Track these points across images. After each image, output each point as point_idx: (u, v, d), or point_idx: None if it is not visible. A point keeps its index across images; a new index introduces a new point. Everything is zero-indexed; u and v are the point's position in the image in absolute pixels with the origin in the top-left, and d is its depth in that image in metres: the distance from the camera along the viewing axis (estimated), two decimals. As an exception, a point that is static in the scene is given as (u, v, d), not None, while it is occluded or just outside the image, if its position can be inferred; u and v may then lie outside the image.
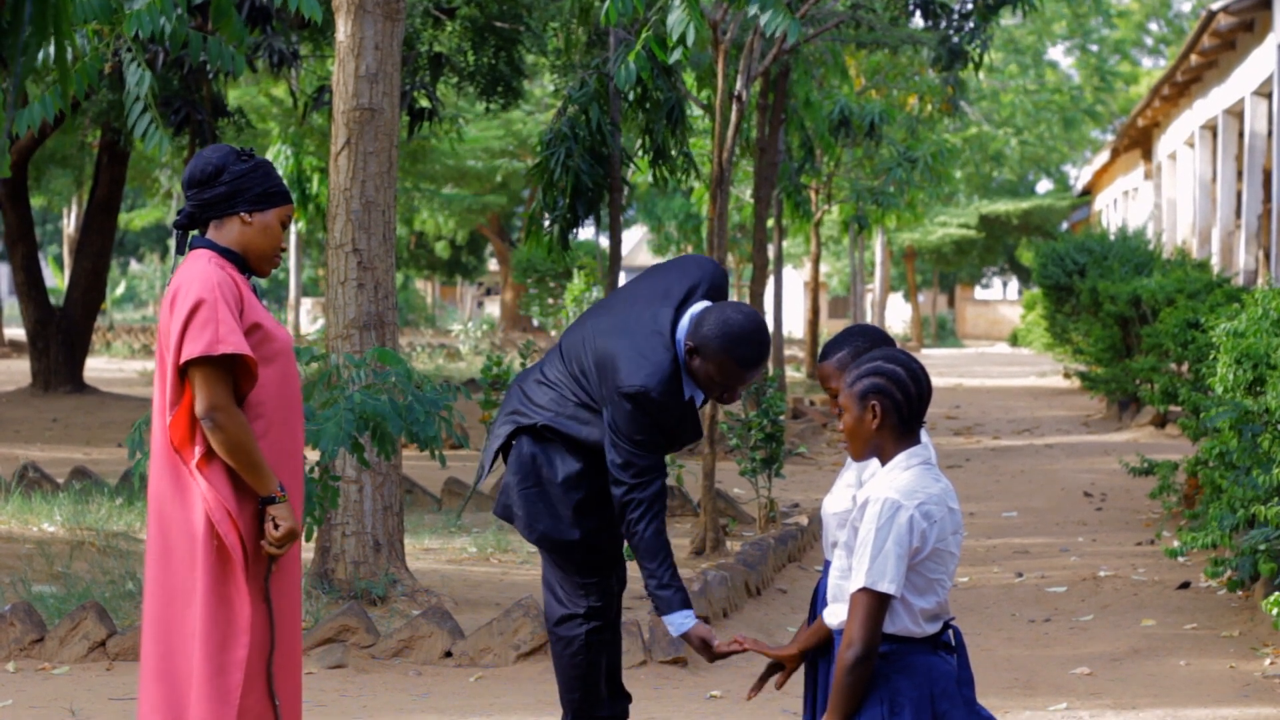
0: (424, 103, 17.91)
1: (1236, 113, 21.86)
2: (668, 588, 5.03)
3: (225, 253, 4.58)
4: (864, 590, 3.80)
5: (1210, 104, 23.02)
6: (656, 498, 5.11)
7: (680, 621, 5.01)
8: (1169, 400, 14.37)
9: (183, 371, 4.47)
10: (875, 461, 4.11)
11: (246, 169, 4.59)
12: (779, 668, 4.45)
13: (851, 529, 3.93)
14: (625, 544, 5.41)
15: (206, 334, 4.41)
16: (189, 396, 4.47)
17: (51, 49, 8.03)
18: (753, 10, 8.49)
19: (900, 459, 3.90)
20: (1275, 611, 7.03)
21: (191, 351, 4.41)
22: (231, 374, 4.47)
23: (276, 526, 4.46)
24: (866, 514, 3.85)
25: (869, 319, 43.18)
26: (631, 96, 14.22)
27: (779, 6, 8.24)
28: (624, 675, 5.80)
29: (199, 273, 4.50)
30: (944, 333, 53.86)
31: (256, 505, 4.49)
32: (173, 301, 4.51)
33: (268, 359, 4.55)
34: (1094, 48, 52.30)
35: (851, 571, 3.87)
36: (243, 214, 4.59)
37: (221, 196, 4.59)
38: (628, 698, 5.58)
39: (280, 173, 4.72)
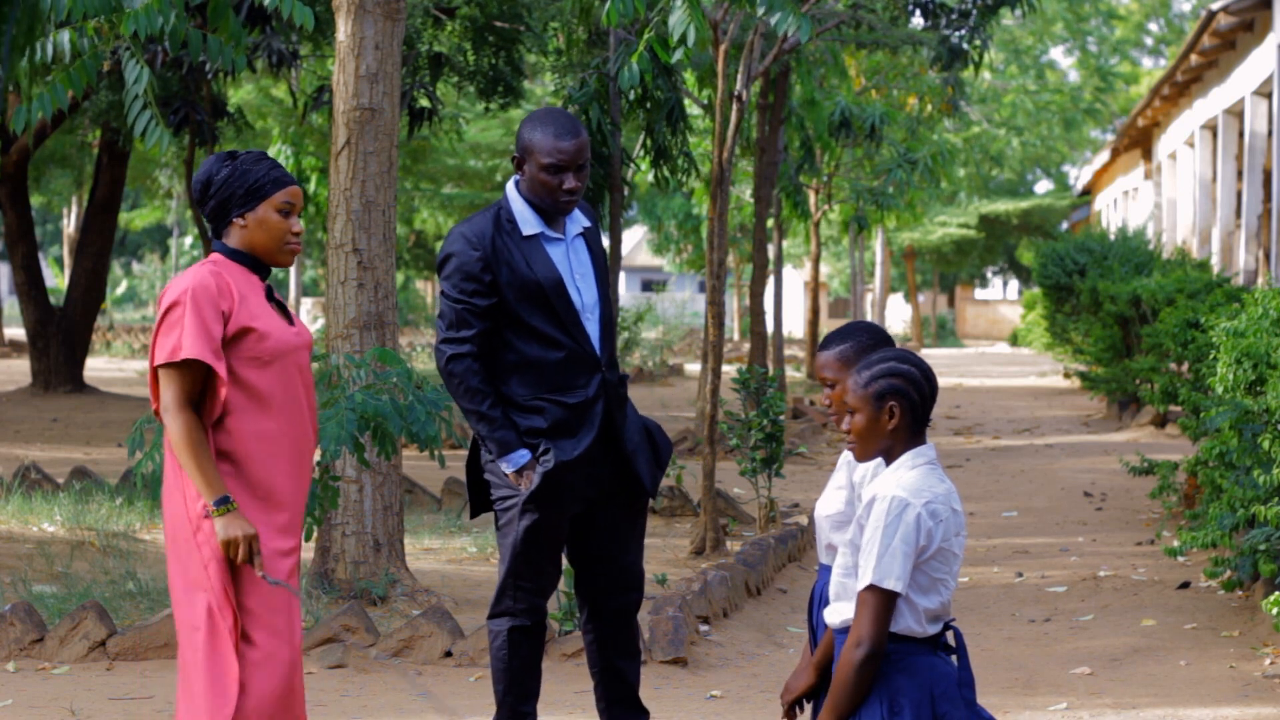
0: (424, 103, 17.90)
1: (1236, 113, 21.86)
2: (493, 438, 5.47)
3: (234, 254, 4.64)
4: (871, 588, 3.79)
5: (1210, 104, 23.02)
6: (460, 350, 5.47)
7: (510, 459, 5.49)
8: (1169, 400, 14.37)
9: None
10: (867, 464, 4.10)
11: (227, 175, 4.62)
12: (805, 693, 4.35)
13: (858, 526, 3.92)
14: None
15: (171, 339, 4.49)
16: None
17: (50, 48, 8.02)
18: (761, 10, 8.47)
19: (906, 458, 3.89)
20: (1275, 611, 7.03)
21: (159, 357, 4.51)
22: (199, 377, 4.52)
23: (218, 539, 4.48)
24: (874, 512, 3.83)
25: (869, 319, 43.10)
26: (632, 96, 14.22)
27: (789, 6, 8.23)
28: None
29: (186, 277, 4.56)
30: (944, 333, 53.84)
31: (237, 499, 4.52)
32: (159, 304, 4.60)
33: (262, 360, 4.57)
34: (1094, 48, 52.29)
35: (857, 569, 3.86)
36: (236, 219, 4.63)
37: (215, 210, 4.65)
38: (640, 714, 5.70)
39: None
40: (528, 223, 5.52)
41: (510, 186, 5.59)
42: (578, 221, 5.64)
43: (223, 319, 4.50)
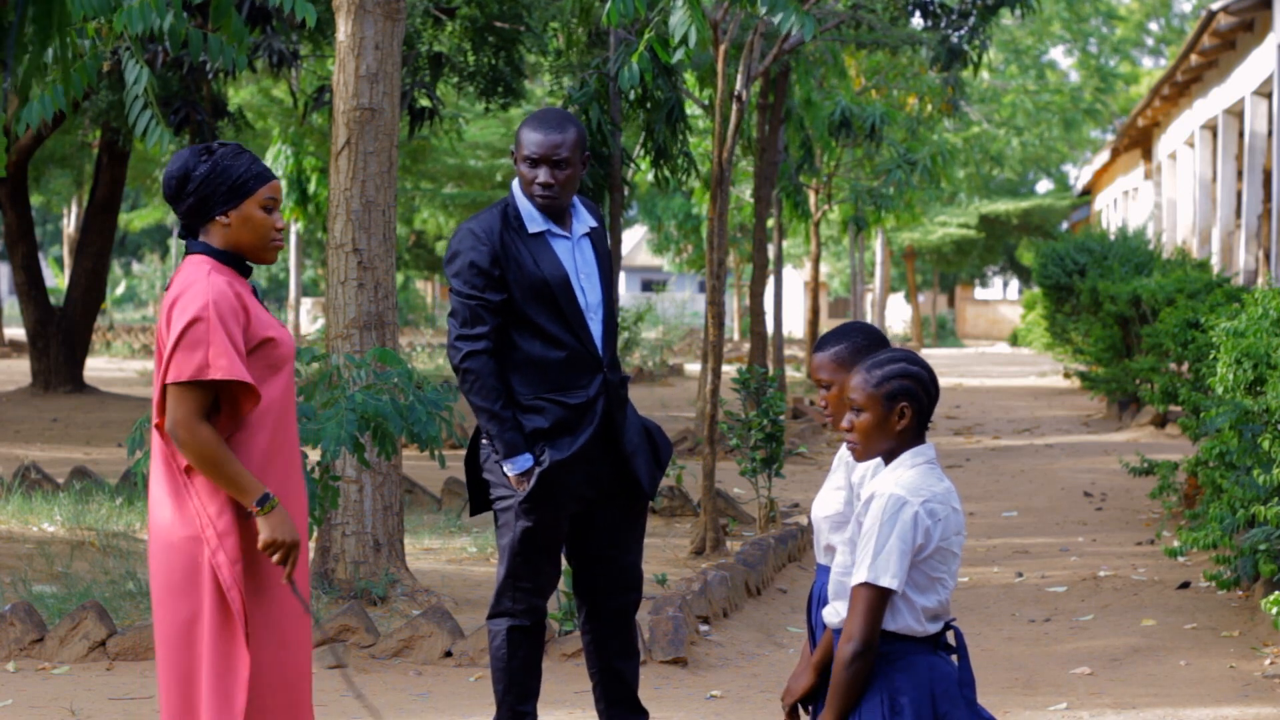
0: (424, 103, 17.91)
1: (1236, 113, 21.86)
2: (504, 440, 5.45)
3: (221, 255, 4.45)
4: (865, 585, 3.79)
5: (1210, 104, 23.02)
6: (476, 347, 5.45)
7: (515, 464, 5.48)
8: (1169, 400, 14.36)
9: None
10: (865, 464, 4.09)
11: (206, 172, 4.41)
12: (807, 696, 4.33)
13: (857, 524, 3.92)
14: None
15: (196, 356, 4.29)
16: None
17: (54, 47, 8.02)
18: (763, 10, 8.47)
19: (905, 457, 3.89)
20: (1275, 611, 7.03)
21: (179, 374, 4.30)
22: (214, 393, 4.35)
23: (262, 537, 4.36)
24: (871, 509, 3.83)
25: (869, 319, 43.16)
26: (632, 96, 14.22)
27: (791, 4, 8.24)
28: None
29: (201, 287, 4.36)
30: (944, 333, 53.85)
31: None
32: (170, 310, 4.39)
33: (276, 367, 4.46)
34: (1094, 48, 52.30)
35: (854, 567, 3.86)
36: (219, 217, 4.43)
37: (193, 208, 4.44)
38: (639, 714, 5.73)
39: (266, 160, 4.60)
40: (534, 220, 5.53)
41: (516, 184, 5.60)
42: (584, 221, 5.63)
43: (242, 331, 4.36)
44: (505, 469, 5.46)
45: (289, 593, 4.47)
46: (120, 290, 59.64)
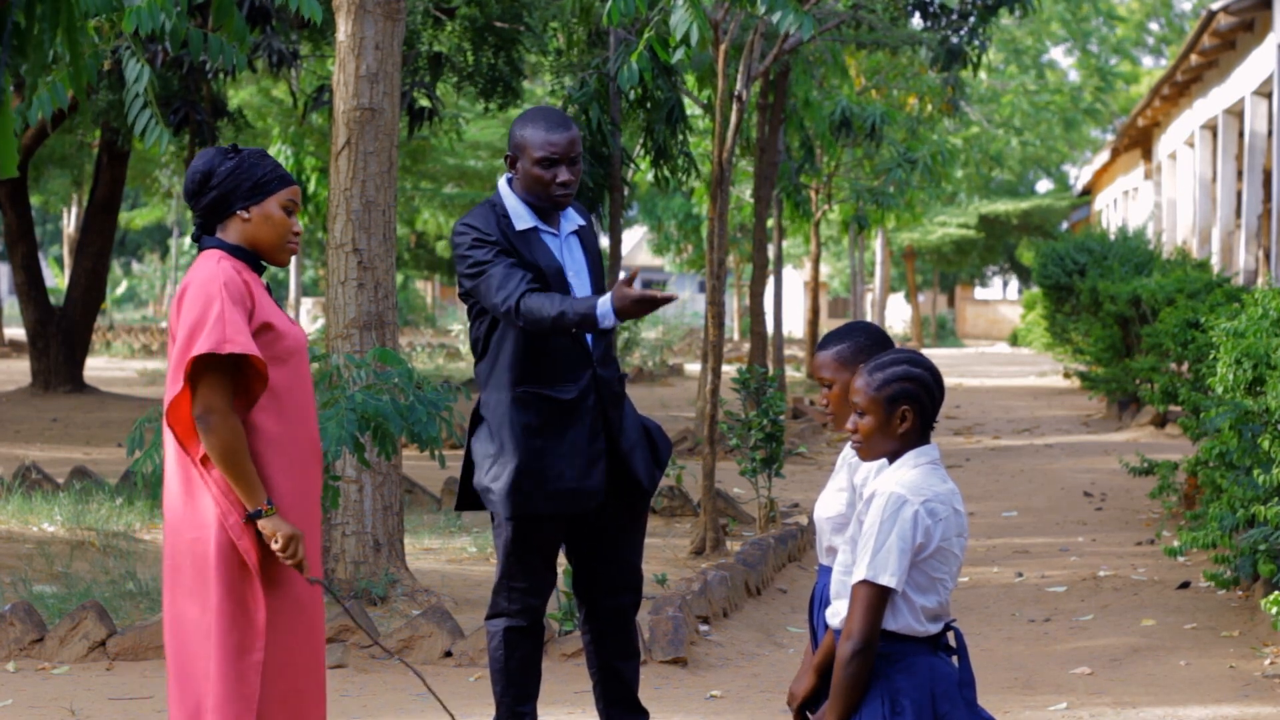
0: (424, 103, 17.91)
1: (1236, 112, 21.87)
2: (579, 312, 5.24)
3: (235, 250, 4.54)
4: (864, 582, 3.79)
5: (1210, 104, 23.02)
6: (519, 287, 5.32)
7: (603, 312, 5.23)
8: (1169, 400, 14.36)
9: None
10: (869, 465, 4.09)
11: (232, 167, 4.53)
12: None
13: (858, 523, 3.92)
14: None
15: (215, 333, 4.36)
16: (188, 391, 4.44)
17: (59, 44, 8.04)
18: (762, 9, 8.47)
19: (909, 457, 3.90)
20: (1275, 611, 7.03)
21: (201, 348, 4.36)
22: (236, 376, 4.42)
23: (277, 542, 4.42)
24: (872, 507, 3.83)
25: (869, 319, 43.11)
26: (632, 96, 14.23)
27: (790, 4, 8.23)
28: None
29: (207, 272, 4.45)
30: (944, 333, 53.86)
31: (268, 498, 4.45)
32: (180, 299, 4.47)
33: (280, 358, 4.50)
34: (1094, 48, 52.31)
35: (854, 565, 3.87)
36: (239, 212, 4.53)
37: (215, 201, 4.54)
38: (639, 714, 5.73)
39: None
40: (521, 218, 5.54)
41: (502, 184, 5.58)
42: (572, 220, 5.65)
43: (248, 316, 4.44)
44: (600, 322, 5.23)
45: (303, 587, 4.51)
46: (120, 290, 59.67)
